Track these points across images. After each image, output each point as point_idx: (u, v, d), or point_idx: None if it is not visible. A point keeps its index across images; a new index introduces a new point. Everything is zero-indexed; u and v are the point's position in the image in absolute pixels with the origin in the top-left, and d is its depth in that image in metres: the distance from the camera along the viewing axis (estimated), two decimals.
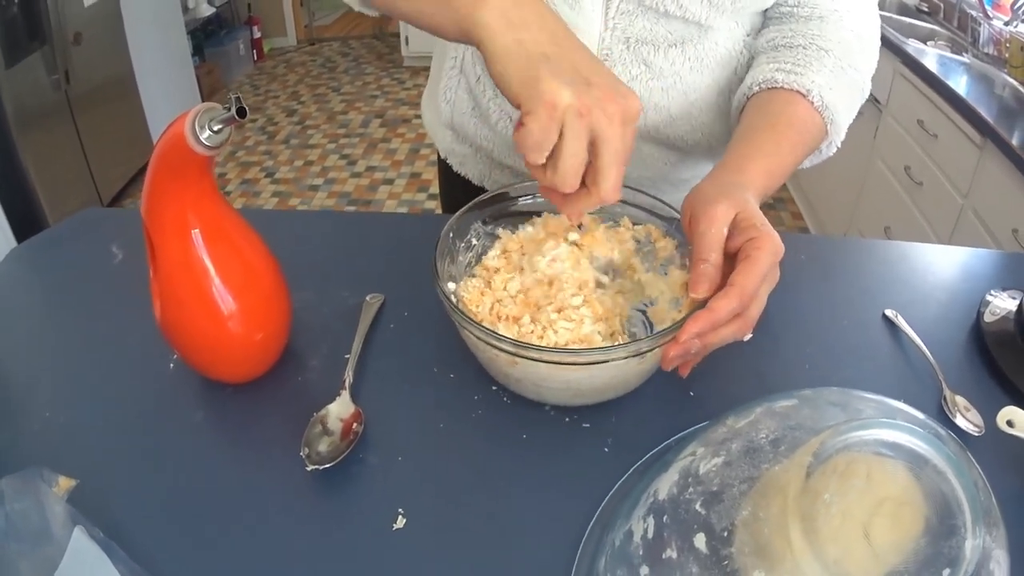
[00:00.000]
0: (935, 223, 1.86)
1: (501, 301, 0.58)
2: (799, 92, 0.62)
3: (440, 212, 0.96)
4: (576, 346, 0.54)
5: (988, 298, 0.67)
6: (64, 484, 0.48)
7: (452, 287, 0.60)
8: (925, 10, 2.42)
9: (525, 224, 0.64)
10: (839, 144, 0.67)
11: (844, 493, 0.35)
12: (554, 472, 0.53)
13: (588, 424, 0.56)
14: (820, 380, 0.60)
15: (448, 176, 0.90)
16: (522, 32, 0.47)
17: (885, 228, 2.11)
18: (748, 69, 0.69)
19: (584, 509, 0.50)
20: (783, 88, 0.63)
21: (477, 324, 0.51)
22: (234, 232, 0.56)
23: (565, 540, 0.48)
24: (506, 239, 0.63)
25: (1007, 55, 1.86)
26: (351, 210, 2.87)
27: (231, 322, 0.55)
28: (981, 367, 0.62)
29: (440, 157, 0.91)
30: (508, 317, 0.57)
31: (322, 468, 0.51)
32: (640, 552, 0.41)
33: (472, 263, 0.64)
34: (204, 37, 3.98)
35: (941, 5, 2.34)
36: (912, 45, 2.03)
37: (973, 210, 1.69)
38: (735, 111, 0.68)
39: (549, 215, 0.63)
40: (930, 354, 0.61)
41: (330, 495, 0.52)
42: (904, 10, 2.47)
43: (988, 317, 0.65)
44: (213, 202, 0.53)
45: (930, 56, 1.97)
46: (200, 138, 0.47)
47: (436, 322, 0.65)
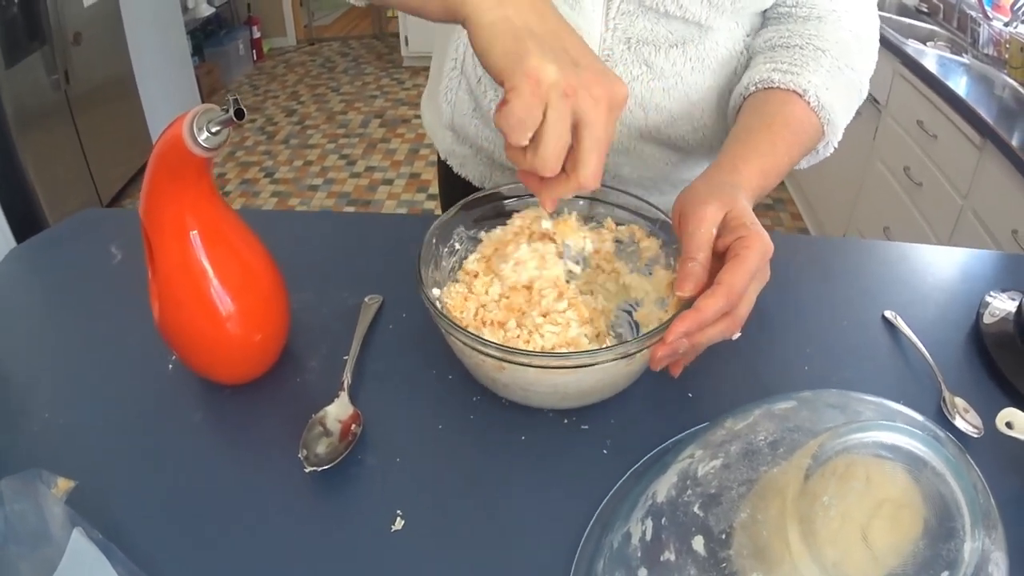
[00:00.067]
0: (935, 224, 1.86)
1: (485, 306, 0.58)
2: (795, 92, 0.62)
3: (440, 213, 0.96)
4: (563, 349, 0.54)
5: (987, 299, 0.67)
6: (63, 485, 0.48)
7: (437, 293, 0.59)
8: (925, 11, 2.42)
9: (498, 227, 0.64)
10: (836, 144, 0.67)
11: (843, 495, 0.35)
12: (553, 473, 0.53)
13: (587, 426, 0.56)
14: (819, 381, 0.60)
15: (448, 177, 0.89)
16: (509, 8, 0.46)
17: (884, 229, 2.11)
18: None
19: (582, 511, 0.50)
20: (779, 88, 0.63)
21: (463, 330, 0.51)
22: (232, 233, 0.56)
23: (563, 542, 0.48)
24: (485, 242, 0.63)
25: (1007, 56, 1.86)
26: (350, 210, 2.87)
27: (230, 323, 0.55)
28: (980, 368, 0.62)
29: (440, 158, 0.91)
30: (493, 322, 0.56)
31: (320, 470, 0.51)
32: (638, 554, 0.41)
33: (455, 268, 0.64)
34: (204, 37, 3.98)
35: (941, 6, 2.34)
36: (912, 46, 2.03)
37: (973, 211, 1.69)
38: (732, 111, 0.68)
39: (516, 215, 0.63)
40: (929, 355, 0.61)
41: (329, 496, 0.51)
42: (904, 11, 2.47)
43: (987, 318, 0.65)
44: (211, 203, 0.53)
45: (930, 57, 1.97)
46: (198, 139, 0.46)
47: (435, 323, 0.65)
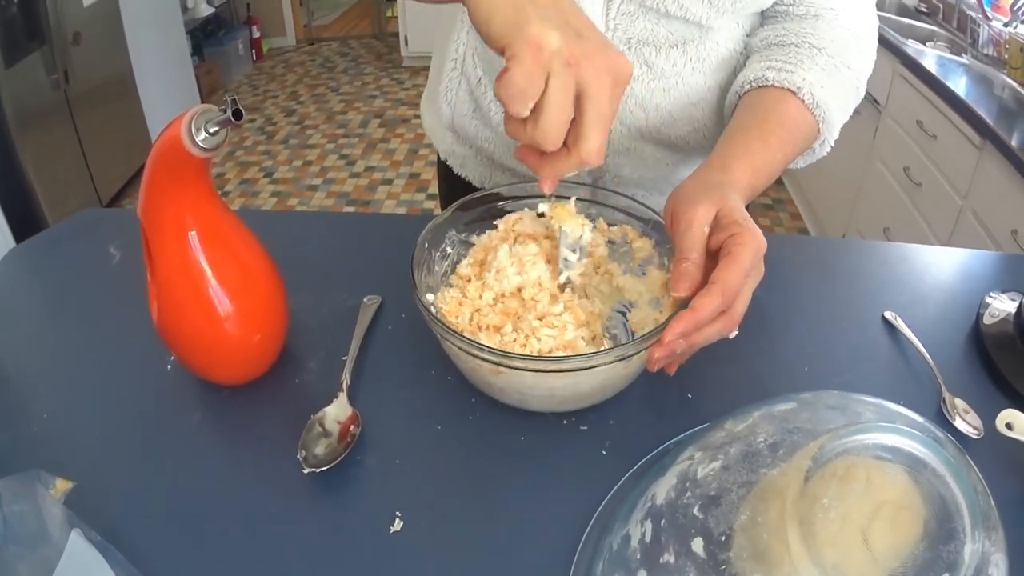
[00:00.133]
0: (934, 224, 1.86)
1: (480, 311, 0.57)
2: (789, 90, 0.62)
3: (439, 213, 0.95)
4: (560, 352, 0.54)
5: (987, 300, 0.67)
6: (61, 486, 0.48)
7: (431, 298, 0.59)
8: (924, 11, 2.42)
9: (488, 231, 0.63)
10: (832, 143, 0.66)
11: (843, 497, 0.35)
12: (552, 475, 0.53)
13: (586, 427, 0.56)
14: (819, 382, 0.60)
15: (448, 178, 0.89)
16: None
17: (884, 229, 2.11)
18: None
19: (582, 512, 0.50)
20: (774, 86, 0.63)
21: (459, 335, 0.50)
22: (231, 234, 0.55)
23: (562, 543, 0.48)
24: (477, 247, 0.63)
25: (1006, 56, 1.86)
26: (350, 210, 2.87)
27: (228, 324, 0.55)
28: (980, 369, 0.61)
29: (440, 159, 0.91)
30: (489, 327, 0.56)
31: (319, 471, 0.51)
32: (638, 556, 0.41)
33: (448, 272, 0.64)
34: (203, 37, 3.98)
35: (940, 6, 2.34)
36: (911, 46, 2.03)
37: (972, 211, 1.69)
38: (728, 110, 0.68)
39: (502, 219, 0.62)
40: (929, 356, 0.61)
41: (327, 498, 0.51)
42: (903, 11, 2.47)
43: (987, 319, 0.64)
44: (210, 204, 0.53)
45: (929, 57, 1.97)
46: (196, 140, 0.46)
47: None
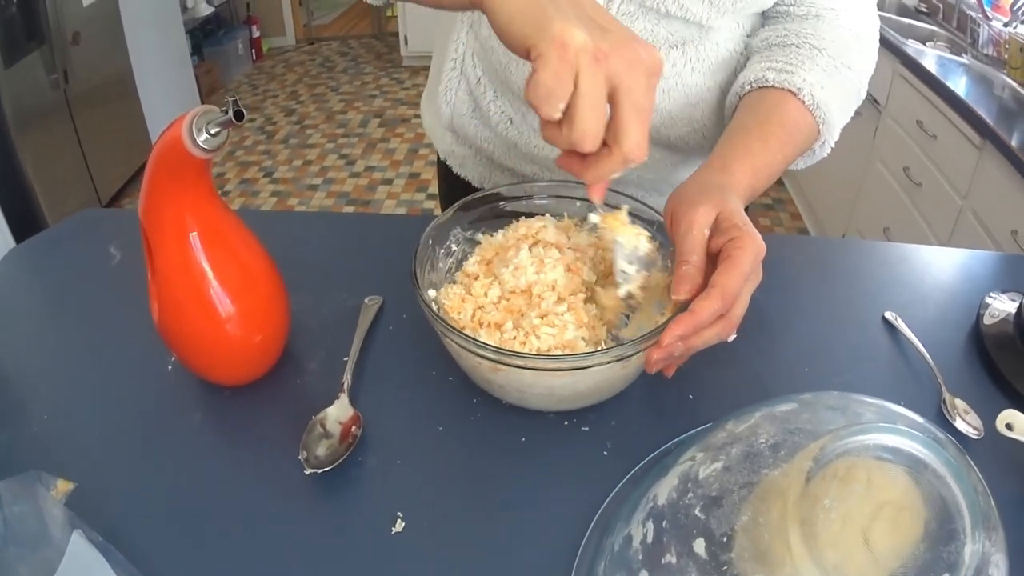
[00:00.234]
0: (934, 224, 1.86)
1: (483, 308, 0.58)
2: (790, 91, 0.62)
3: (439, 213, 0.95)
4: (559, 352, 0.54)
5: (988, 300, 0.67)
6: (62, 487, 0.48)
7: (433, 294, 0.59)
8: (924, 11, 2.42)
9: (499, 230, 0.63)
10: (832, 144, 0.66)
11: (844, 498, 0.35)
12: (553, 475, 0.53)
13: (587, 428, 0.56)
14: (819, 383, 0.60)
15: (448, 178, 0.89)
16: None
17: (884, 229, 2.11)
18: None
19: (583, 513, 0.50)
20: (774, 87, 0.62)
21: (459, 332, 0.51)
22: (232, 234, 0.55)
23: (564, 544, 0.48)
24: (484, 245, 0.63)
25: (1006, 56, 1.86)
26: (350, 210, 2.87)
27: (229, 324, 0.55)
28: (980, 370, 0.61)
29: (440, 159, 0.91)
30: (490, 324, 0.56)
31: (321, 471, 0.51)
32: (639, 557, 0.41)
33: (452, 269, 0.64)
34: (203, 36, 3.98)
35: (940, 6, 2.34)
36: (911, 46, 2.03)
37: (972, 211, 1.69)
38: (728, 111, 0.68)
39: (521, 221, 0.62)
40: (929, 357, 0.61)
41: (329, 498, 0.51)
42: (903, 11, 2.47)
43: (988, 319, 0.65)
44: (211, 204, 0.53)
45: (929, 57, 1.97)
46: (197, 141, 0.46)
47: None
